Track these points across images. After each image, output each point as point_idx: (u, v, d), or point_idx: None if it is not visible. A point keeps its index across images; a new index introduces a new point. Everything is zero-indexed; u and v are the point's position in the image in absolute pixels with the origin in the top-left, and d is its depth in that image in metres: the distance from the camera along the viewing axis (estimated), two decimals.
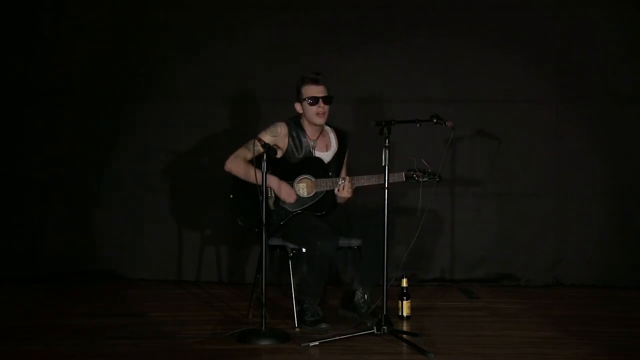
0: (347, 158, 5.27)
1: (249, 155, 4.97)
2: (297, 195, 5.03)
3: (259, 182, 4.68)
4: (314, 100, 5.03)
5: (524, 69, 6.30)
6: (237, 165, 5.03)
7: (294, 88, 5.09)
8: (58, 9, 6.40)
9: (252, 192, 4.85)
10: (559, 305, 5.72)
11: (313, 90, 5.04)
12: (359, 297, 5.07)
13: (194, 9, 6.40)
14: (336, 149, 5.19)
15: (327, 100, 5.05)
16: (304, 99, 5.04)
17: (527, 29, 6.30)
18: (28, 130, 6.40)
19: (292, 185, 5.04)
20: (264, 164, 4.66)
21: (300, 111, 5.10)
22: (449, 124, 4.82)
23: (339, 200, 5.12)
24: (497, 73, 6.31)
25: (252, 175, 4.89)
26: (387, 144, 4.64)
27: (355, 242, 5.10)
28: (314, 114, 5.05)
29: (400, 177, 4.96)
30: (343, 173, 5.22)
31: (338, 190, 5.01)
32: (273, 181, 4.99)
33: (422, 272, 6.33)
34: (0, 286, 6.10)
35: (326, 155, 5.15)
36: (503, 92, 6.32)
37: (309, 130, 5.12)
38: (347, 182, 4.98)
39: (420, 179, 4.96)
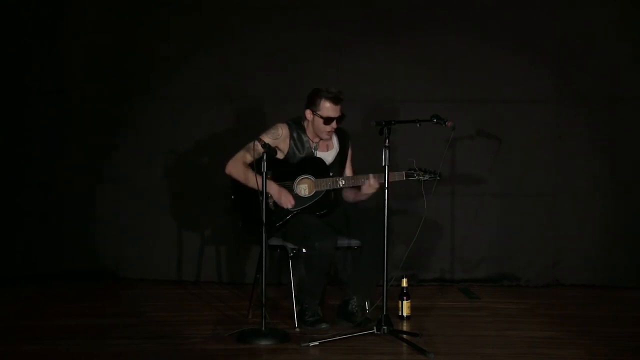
0: (352, 157, 5.25)
1: (249, 158, 4.96)
2: (297, 196, 5.03)
3: (259, 188, 4.66)
4: (329, 121, 4.98)
5: (524, 69, 6.30)
6: (237, 169, 5.00)
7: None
8: (58, 9, 6.40)
9: (252, 193, 4.84)
10: (559, 305, 5.72)
11: (331, 109, 4.96)
12: (353, 306, 5.02)
13: (194, 9, 6.39)
14: (338, 149, 5.18)
15: (340, 120, 5.02)
16: (319, 115, 4.97)
17: (527, 29, 6.29)
18: (28, 130, 6.40)
19: (292, 186, 5.03)
20: (264, 164, 4.65)
21: (309, 118, 5.03)
22: (449, 124, 4.83)
23: (363, 197, 5.07)
24: (497, 73, 6.31)
25: (252, 180, 4.89)
26: (387, 144, 4.64)
27: (355, 242, 5.08)
28: (323, 131, 5.01)
29: (401, 176, 4.97)
30: (348, 171, 5.21)
31: (364, 187, 4.97)
32: (273, 188, 4.96)
33: (422, 272, 6.33)
34: (0, 286, 6.10)
35: (328, 156, 5.14)
36: (503, 92, 6.32)
37: (311, 132, 5.09)
38: (371, 180, 4.95)
39: (421, 178, 4.97)
